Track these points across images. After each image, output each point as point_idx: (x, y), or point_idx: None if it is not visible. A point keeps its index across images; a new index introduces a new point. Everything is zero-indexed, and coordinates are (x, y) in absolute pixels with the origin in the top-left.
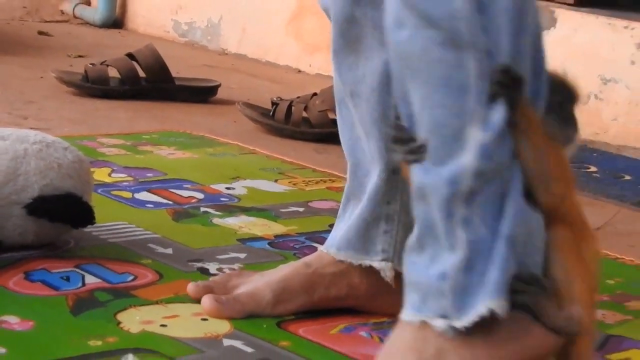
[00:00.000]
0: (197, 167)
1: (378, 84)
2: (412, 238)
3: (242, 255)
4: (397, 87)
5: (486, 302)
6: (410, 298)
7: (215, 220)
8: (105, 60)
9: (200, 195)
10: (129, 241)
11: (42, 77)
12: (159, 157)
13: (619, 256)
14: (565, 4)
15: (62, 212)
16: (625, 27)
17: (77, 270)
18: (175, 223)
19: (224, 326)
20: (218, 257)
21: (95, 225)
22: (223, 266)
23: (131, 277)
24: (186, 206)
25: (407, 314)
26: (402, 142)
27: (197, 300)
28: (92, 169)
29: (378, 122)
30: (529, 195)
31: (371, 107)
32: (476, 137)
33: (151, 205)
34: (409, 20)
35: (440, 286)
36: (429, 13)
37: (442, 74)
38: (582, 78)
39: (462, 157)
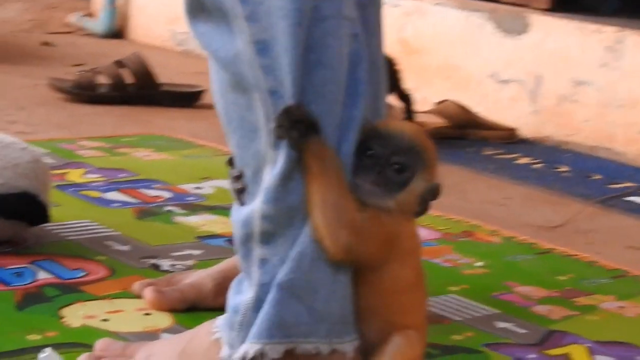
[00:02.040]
0: (170, 168)
1: None
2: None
3: (197, 252)
4: None
5: (247, 344)
6: (225, 314)
7: (178, 219)
8: (96, 67)
9: (167, 195)
10: (88, 238)
11: (36, 85)
12: (135, 158)
13: (575, 253)
14: (539, 9)
15: (17, 210)
16: (595, 32)
17: (31, 266)
18: (138, 221)
19: (165, 320)
20: (173, 254)
21: (57, 223)
22: (176, 263)
23: (83, 273)
24: (152, 205)
25: (215, 325)
26: (231, 177)
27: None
28: (65, 170)
29: None
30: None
31: None
32: (264, 180)
33: (118, 204)
34: (211, 61)
35: (232, 318)
36: (218, 56)
37: (237, 116)
38: (554, 81)
39: (257, 199)
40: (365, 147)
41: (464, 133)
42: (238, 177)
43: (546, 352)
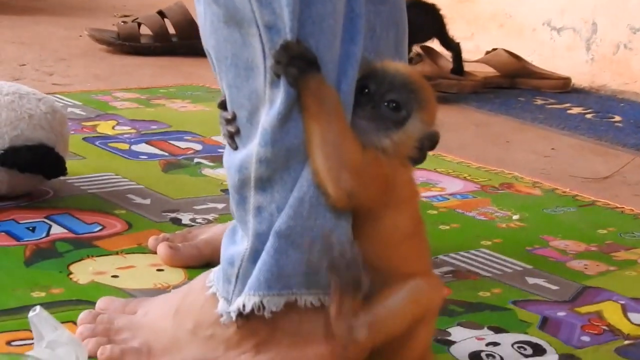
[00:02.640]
0: (204, 119)
1: None
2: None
3: (220, 206)
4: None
5: (244, 296)
6: (219, 265)
7: (205, 171)
8: (137, 18)
9: (198, 147)
10: (109, 192)
11: (80, 36)
12: (169, 110)
13: (618, 205)
14: None
15: (32, 162)
16: None
17: (46, 220)
18: (164, 174)
19: (177, 276)
20: (195, 207)
21: (80, 176)
22: (197, 217)
23: (99, 228)
24: (180, 157)
25: (209, 279)
26: (223, 120)
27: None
28: (97, 122)
29: None
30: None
31: None
32: (261, 121)
33: (145, 157)
34: None
35: (227, 271)
36: None
37: (230, 53)
38: (611, 28)
39: (253, 142)
40: (361, 85)
41: (515, 82)
42: (231, 120)
43: (577, 310)
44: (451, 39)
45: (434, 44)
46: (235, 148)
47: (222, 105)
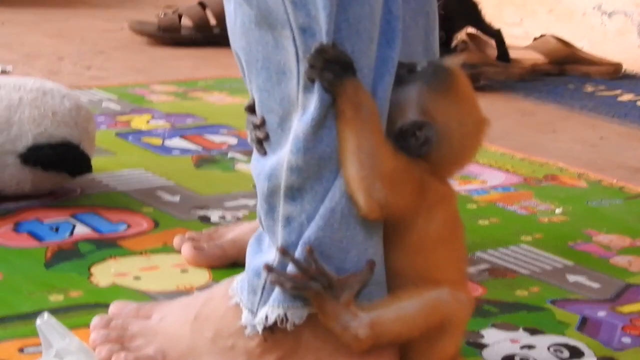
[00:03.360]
0: (241, 112)
1: None
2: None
3: (252, 202)
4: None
5: (267, 307)
6: (244, 273)
7: (238, 166)
8: (178, 9)
9: (233, 141)
10: (137, 189)
11: (121, 29)
12: (206, 103)
13: None
14: None
15: (56, 160)
16: None
17: (71, 219)
18: (195, 169)
19: (202, 278)
20: (225, 204)
21: (108, 172)
22: (227, 214)
23: (124, 227)
24: (214, 152)
25: (232, 288)
26: (251, 125)
27: None
28: (131, 117)
29: None
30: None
31: None
32: (293, 128)
33: (177, 152)
34: None
35: (253, 281)
36: None
37: (261, 56)
38: None
39: (284, 149)
40: None
41: (564, 69)
42: (259, 125)
43: (618, 309)
44: (489, 26)
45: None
46: (264, 154)
47: (251, 109)
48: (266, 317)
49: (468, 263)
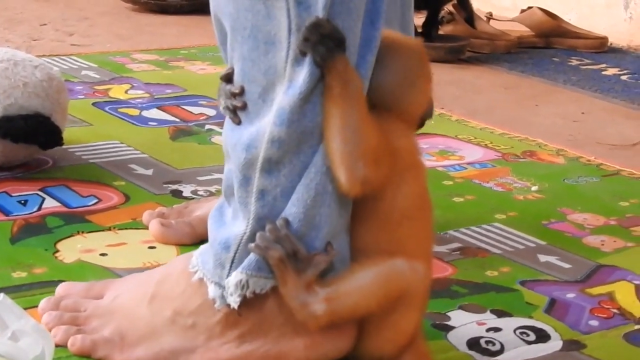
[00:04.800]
0: None
1: None
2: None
3: None
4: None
5: (233, 273)
6: (205, 246)
7: (215, 139)
8: None
9: (211, 112)
10: (110, 161)
11: None
12: (187, 72)
13: None
14: None
15: (26, 132)
16: None
17: (40, 193)
18: (171, 142)
19: (169, 254)
20: (199, 178)
21: (82, 144)
22: (199, 188)
23: (94, 201)
24: (191, 123)
25: (192, 264)
26: (227, 93)
27: None
28: (110, 86)
29: None
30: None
31: None
32: (278, 99)
33: (154, 123)
34: None
35: (221, 255)
36: None
37: (250, 24)
38: None
39: (264, 120)
40: None
41: (550, 42)
42: (238, 94)
43: (588, 291)
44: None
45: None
46: (238, 123)
47: (227, 78)
48: (227, 282)
49: (434, 242)
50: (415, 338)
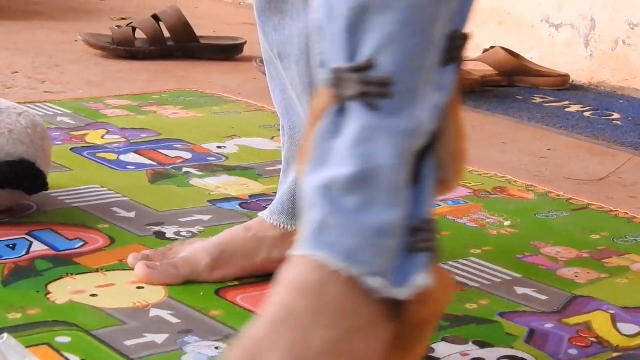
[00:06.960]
0: (196, 126)
1: (306, 46)
2: (338, 178)
3: (207, 218)
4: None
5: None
6: (326, 239)
7: (193, 181)
8: (132, 22)
9: (187, 155)
10: (93, 205)
11: (76, 41)
12: (161, 117)
13: (612, 209)
14: None
15: (12, 178)
16: None
17: (27, 237)
18: (151, 185)
19: (158, 294)
20: (180, 219)
21: (64, 189)
22: (182, 230)
23: (80, 244)
24: (169, 167)
25: (331, 260)
26: (358, 70)
27: None
28: (86, 132)
29: (309, 86)
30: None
31: (301, 71)
32: (431, 96)
33: (132, 167)
34: None
35: (375, 242)
36: None
37: (414, 18)
38: (610, 24)
39: (416, 112)
40: None
41: (513, 80)
42: (385, 84)
43: (565, 321)
44: None
45: None
46: (375, 109)
47: (367, 66)
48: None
49: None
50: None
